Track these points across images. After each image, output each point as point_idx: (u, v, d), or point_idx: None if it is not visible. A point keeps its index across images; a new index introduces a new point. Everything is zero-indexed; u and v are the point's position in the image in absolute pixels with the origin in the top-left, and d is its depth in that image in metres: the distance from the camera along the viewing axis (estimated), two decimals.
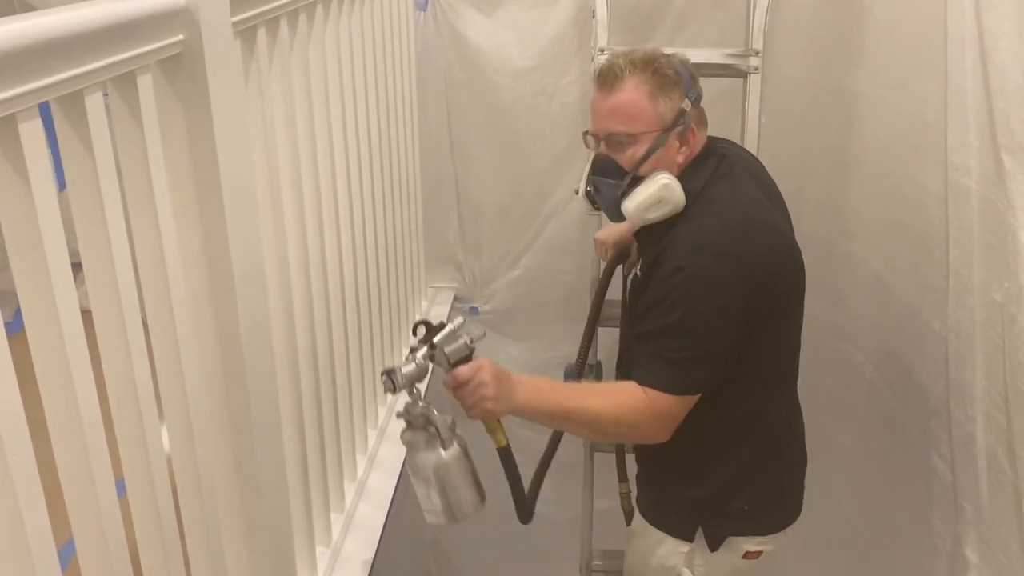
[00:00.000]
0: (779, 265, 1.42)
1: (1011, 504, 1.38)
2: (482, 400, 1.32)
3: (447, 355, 1.32)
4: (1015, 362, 1.36)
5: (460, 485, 1.33)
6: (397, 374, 1.29)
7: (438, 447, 1.32)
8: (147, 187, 0.86)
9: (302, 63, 1.36)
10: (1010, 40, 1.41)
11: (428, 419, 1.32)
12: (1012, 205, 1.39)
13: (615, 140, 1.45)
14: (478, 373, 1.32)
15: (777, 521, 1.59)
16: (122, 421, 0.86)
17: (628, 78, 1.41)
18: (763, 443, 1.55)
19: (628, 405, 1.40)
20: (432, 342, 1.33)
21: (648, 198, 1.41)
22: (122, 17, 0.77)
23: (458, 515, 1.35)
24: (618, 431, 1.47)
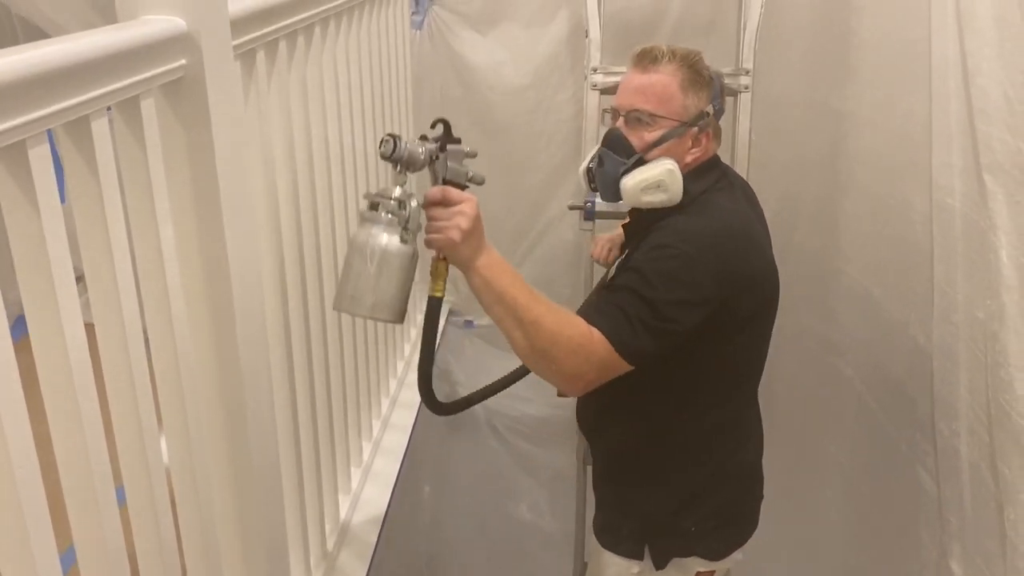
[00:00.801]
0: (757, 282, 1.42)
1: (993, 517, 1.40)
2: (453, 228, 1.25)
3: (448, 168, 1.25)
4: (996, 378, 1.39)
5: (395, 282, 1.22)
6: (401, 143, 1.20)
7: (397, 232, 1.21)
8: (149, 206, 0.89)
9: (300, 83, 1.40)
10: (991, 63, 1.45)
11: (404, 205, 1.21)
12: (994, 225, 1.42)
13: (635, 117, 1.44)
14: (466, 203, 1.26)
15: (727, 543, 1.57)
16: (123, 431, 0.88)
17: (667, 63, 1.43)
18: (716, 464, 1.53)
19: (571, 332, 1.32)
20: (444, 144, 1.25)
21: (649, 179, 1.40)
22: (126, 44, 0.80)
23: (373, 309, 1.22)
24: (547, 351, 1.33)
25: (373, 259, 1.20)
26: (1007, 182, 1.38)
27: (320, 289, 1.52)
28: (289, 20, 1.27)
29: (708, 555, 1.54)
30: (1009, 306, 1.36)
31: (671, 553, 1.54)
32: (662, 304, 1.32)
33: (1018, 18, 1.35)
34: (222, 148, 0.95)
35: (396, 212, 1.21)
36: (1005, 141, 1.39)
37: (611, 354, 1.32)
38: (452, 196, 1.26)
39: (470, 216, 1.25)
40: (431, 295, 1.36)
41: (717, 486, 1.54)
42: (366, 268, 1.20)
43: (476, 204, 1.27)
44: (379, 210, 1.22)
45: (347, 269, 1.23)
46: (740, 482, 1.58)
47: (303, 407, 1.46)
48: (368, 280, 1.20)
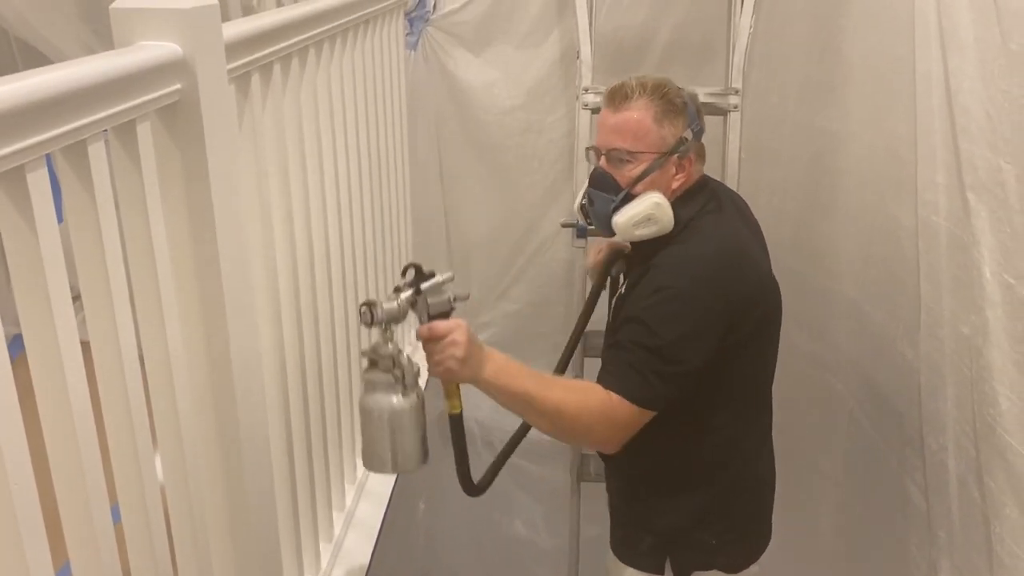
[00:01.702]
0: (756, 299, 1.46)
1: (980, 531, 1.42)
2: (450, 359, 1.31)
3: (429, 305, 1.30)
4: (981, 393, 1.40)
5: (410, 436, 1.29)
6: (377, 307, 1.26)
7: (398, 392, 1.27)
8: (145, 227, 0.90)
9: (295, 105, 1.42)
10: (973, 82, 1.48)
11: (395, 362, 1.27)
12: (977, 241, 1.44)
13: (616, 156, 1.49)
14: (454, 331, 1.30)
15: (745, 556, 1.60)
16: (118, 448, 0.89)
17: (637, 99, 1.47)
18: (731, 479, 1.56)
19: (590, 405, 1.40)
20: (419, 287, 1.30)
21: (638, 214, 1.45)
22: (123, 70, 0.82)
23: (399, 465, 1.30)
24: (574, 429, 1.44)
25: (384, 424, 1.28)
26: (989, 199, 1.41)
27: (314, 302, 1.53)
28: (283, 43, 1.30)
29: (728, 567, 1.58)
30: (992, 322, 1.38)
31: (692, 566, 1.57)
32: (669, 349, 1.39)
33: (997, 38, 1.38)
34: (216, 170, 0.97)
35: (391, 371, 1.27)
36: (987, 159, 1.41)
37: (633, 411, 1.40)
38: (439, 331, 1.31)
39: (462, 343, 1.30)
40: (450, 413, 1.44)
41: (735, 499, 1.57)
42: (382, 434, 1.28)
43: (465, 328, 1.32)
44: (376, 369, 1.29)
45: (364, 433, 1.32)
46: (757, 494, 1.62)
47: (297, 424, 1.47)
48: (386, 442, 1.29)
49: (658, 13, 2.44)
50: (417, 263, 1.34)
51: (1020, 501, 1.29)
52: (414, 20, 2.49)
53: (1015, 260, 1.32)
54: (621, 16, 2.45)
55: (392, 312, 1.27)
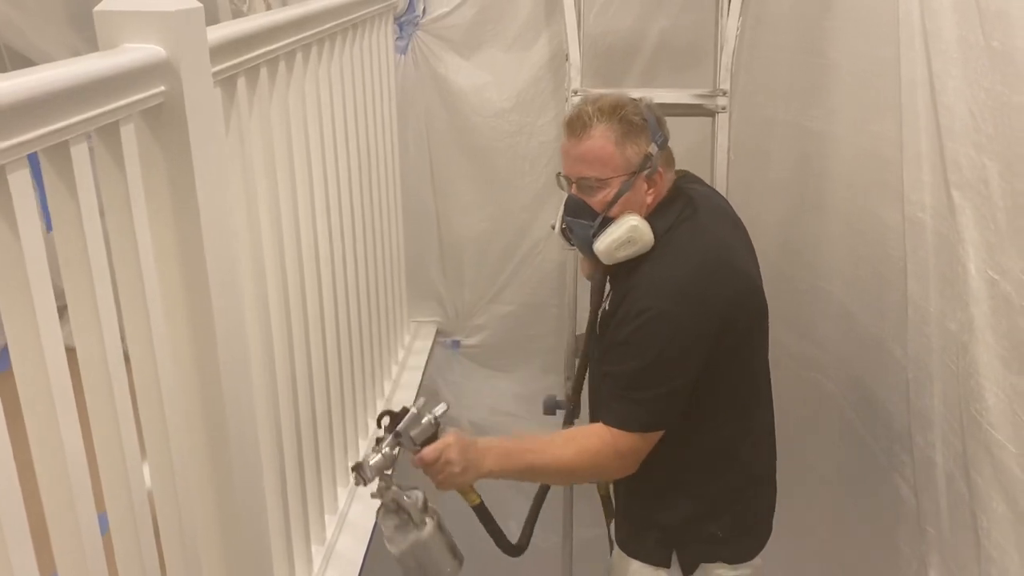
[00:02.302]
0: (740, 304, 1.48)
1: (968, 526, 1.42)
2: (450, 476, 1.41)
3: (412, 439, 1.40)
4: (967, 388, 1.41)
5: (438, 559, 1.41)
6: (365, 468, 1.37)
7: (412, 529, 1.39)
8: (130, 230, 0.91)
9: (282, 108, 1.42)
10: (956, 82, 1.49)
11: (399, 505, 1.38)
12: (962, 239, 1.45)
13: (585, 184, 1.51)
14: (444, 453, 1.39)
15: (750, 548, 1.63)
16: (105, 457, 0.89)
17: (596, 126, 1.48)
18: (735, 473, 1.59)
19: (592, 449, 1.48)
20: (396, 431, 1.40)
21: (618, 239, 1.48)
22: (106, 71, 0.82)
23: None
24: (587, 474, 1.58)
25: (412, 560, 1.40)
26: (973, 197, 1.42)
27: (303, 307, 1.54)
28: (270, 47, 1.31)
29: (732, 559, 1.61)
30: (978, 318, 1.39)
31: (699, 559, 1.60)
32: (660, 369, 1.44)
33: (980, 38, 1.39)
34: (201, 171, 0.98)
35: (399, 513, 1.40)
36: (970, 157, 1.42)
37: (638, 439, 1.47)
38: (429, 458, 1.40)
39: (455, 459, 1.40)
40: (472, 506, 1.55)
41: (740, 492, 1.61)
42: (413, 567, 1.41)
43: (454, 443, 1.40)
44: (388, 514, 1.41)
45: (402, 569, 1.44)
46: (761, 486, 1.66)
47: (287, 428, 1.48)
48: (421, 572, 1.41)
49: (646, 16, 2.45)
50: (388, 409, 1.44)
51: (1006, 495, 1.30)
52: (404, 24, 2.50)
53: (999, 256, 1.33)
54: (610, 19, 2.46)
55: (380, 465, 1.38)
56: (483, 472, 1.44)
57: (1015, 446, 1.28)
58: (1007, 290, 1.30)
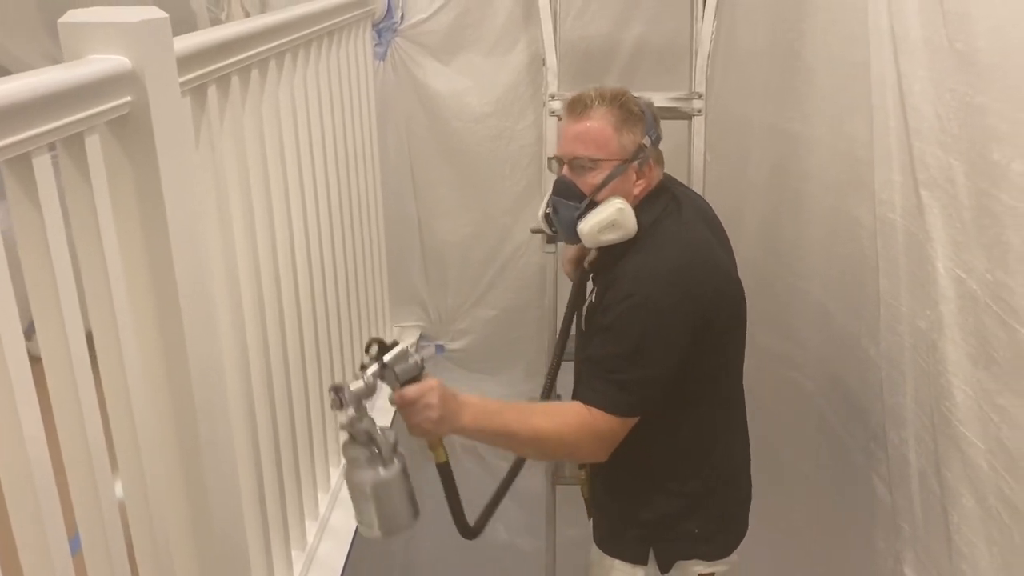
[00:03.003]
0: (721, 301, 1.51)
1: (941, 522, 1.44)
2: (426, 421, 1.36)
3: (396, 374, 1.35)
4: (938, 386, 1.43)
5: (396, 502, 1.34)
6: (344, 391, 1.30)
7: (378, 465, 1.32)
8: (96, 240, 0.91)
9: (255, 117, 1.43)
10: (923, 84, 1.51)
11: (371, 437, 1.32)
12: (931, 238, 1.47)
13: (578, 164, 1.54)
14: (425, 395, 1.35)
15: (726, 545, 1.65)
16: (75, 475, 0.89)
17: (597, 108, 1.52)
18: (710, 470, 1.61)
19: (571, 425, 1.45)
20: (383, 361, 1.35)
21: (603, 220, 1.50)
22: (70, 82, 0.83)
23: (392, 530, 1.35)
24: (560, 450, 1.50)
25: (370, 497, 1.33)
26: (941, 196, 1.44)
27: (280, 314, 1.54)
28: (241, 55, 1.31)
29: (709, 556, 1.62)
30: (946, 316, 1.40)
31: (676, 556, 1.61)
32: (640, 355, 1.44)
33: (944, 39, 1.41)
34: (169, 181, 0.98)
35: (369, 446, 1.32)
36: (937, 157, 1.44)
37: (613, 421, 1.45)
38: (410, 397, 1.35)
39: (435, 404, 1.35)
40: (436, 463, 1.48)
41: (715, 489, 1.62)
42: (369, 505, 1.33)
43: (437, 389, 1.36)
44: (355, 443, 1.33)
45: (355, 504, 1.36)
46: (736, 483, 1.68)
47: (264, 433, 1.48)
48: (375, 513, 1.34)
49: (622, 21, 2.47)
50: (379, 338, 1.39)
51: (976, 491, 1.32)
52: (382, 31, 2.51)
53: (965, 254, 1.35)
54: (586, 24, 2.48)
55: (360, 391, 1.32)
56: (459, 425, 1.39)
57: (983, 442, 1.29)
58: (973, 288, 1.32)
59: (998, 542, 1.25)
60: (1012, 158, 1.19)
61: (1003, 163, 1.21)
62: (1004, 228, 1.22)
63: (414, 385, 1.36)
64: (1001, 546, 1.25)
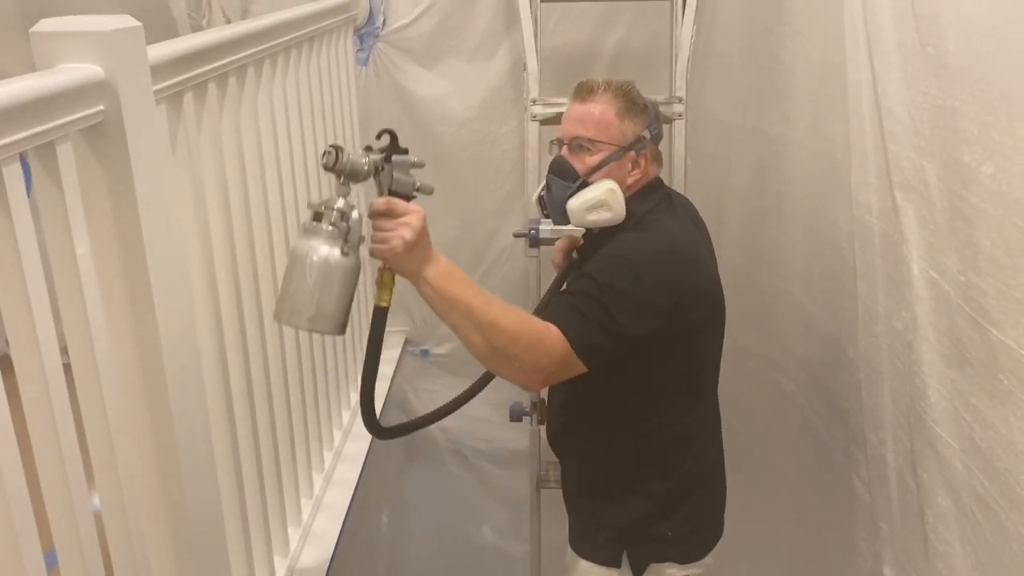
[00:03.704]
0: (701, 294, 1.52)
1: (917, 522, 1.45)
2: (396, 239, 1.25)
3: (393, 179, 1.25)
4: (913, 386, 1.44)
5: (336, 296, 1.21)
6: (344, 156, 1.20)
7: (337, 245, 1.20)
8: (69, 248, 0.91)
9: (234, 124, 1.43)
10: (897, 86, 1.52)
11: (344, 215, 1.20)
12: (906, 239, 1.48)
13: (577, 144, 1.57)
14: (410, 214, 1.26)
15: (700, 548, 1.65)
16: (50, 487, 0.89)
17: (603, 93, 1.56)
18: (684, 472, 1.61)
19: (528, 330, 1.36)
20: (390, 156, 1.26)
21: (592, 199, 1.52)
22: (42, 91, 0.83)
23: (313, 322, 1.21)
24: (506, 350, 1.34)
25: (312, 272, 1.19)
26: (915, 198, 1.45)
27: (260, 323, 1.54)
28: (217, 63, 1.31)
29: (682, 559, 1.62)
30: (920, 316, 1.42)
31: (648, 558, 1.61)
32: (614, 307, 1.41)
33: (916, 42, 1.42)
34: (143, 188, 0.98)
35: (337, 224, 1.20)
36: (911, 159, 1.46)
37: (567, 349, 1.37)
38: (397, 207, 1.26)
39: (415, 228, 1.25)
40: (377, 304, 1.34)
41: (688, 491, 1.62)
42: (305, 281, 1.19)
43: (422, 216, 1.28)
44: (321, 221, 1.21)
45: (287, 280, 1.22)
46: (708, 486, 1.67)
47: (244, 440, 1.48)
48: (307, 293, 1.19)
49: (603, 26, 2.49)
50: (393, 130, 1.27)
51: (950, 490, 1.33)
52: (364, 36, 2.51)
53: (938, 256, 1.36)
54: (567, 29, 2.49)
55: (356, 165, 1.21)
56: (423, 273, 1.28)
57: (957, 442, 1.31)
58: (946, 289, 1.33)
59: (972, 541, 1.27)
60: (981, 160, 1.21)
61: (973, 165, 1.23)
62: (974, 230, 1.23)
63: (402, 201, 1.27)
64: (975, 545, 1.26)
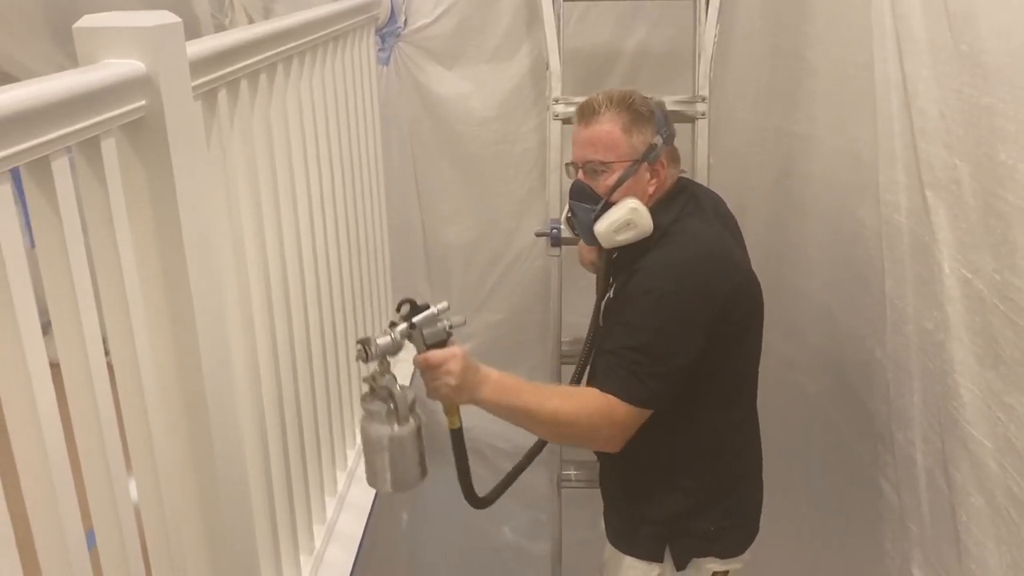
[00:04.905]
0: (738, 296, 1.52)
1: (949, 522, 1.44)
2: (444, 387, 1.38)
3: (424, 336, 1.37)
4: (944, 386, 1.43)
5: (408, 459, 1.38)
6: (372, 344, 1.33)
7: (394, 421, 1.35)
8: (112, 244, 0.92)
9: (264, 121, 1.43)
10: (928, 84, 1.52)
11: (391, 393, 1.35)
12: (936, 239, 1.47)
13: (591, 168, 1.58)
14: (447, 362, 1.37)
15: (740, 542, 1.65)
16: (91, 472, 0.89)
17: (605, 112, 1.55)
18: (724, 467, 1.62)
19: (588, 409, 1.46)
20: (412, 321, 1.37)
21: (617, 220, 1.53)
22: (87, 87, 0.84)
23: (401, 485, 1.40)
24: (574, 434, 1.52)
25: (384, 450, 1.38)
26: (946, 197, 1.44)
27: (288, 318, 1.54)
28: (250, 60, 1.31)
29: (724, 554, 1.63)
30: (952, 316, 1.41)
31: (691, 553, 1.62)
32: (658, 347, 1.46)
33: (948, 40, 1.42)
34: (183, 184, 0.99)
35: (388, 401, 1.36)
36: (942, 158, 1.45)
37: (631, 411, 1.46)
38: (433, 360, 1.38)
39: (456, 372, 1.37)
40: (450, 428, 1.52)
41: (729, 487, 1.63)
42: (382, 458, 1.38)
43: (460, 357, 1.38)
44: (375, 396, 1.38)
45: (367, 457, 1.41)
46: (750, 480, 1.68)
47: (273, 437, 1.48)
48: (387, 466, 1.39)
49: (625, 25, 2.48)
50: (411, 298, 1.42)
51: (984, 490, 1.32)
52: (386, 35, 2.51)
53: (971, 255, 1.35)
54: (589, 28, 2.48)
55: (386, 347, 1.34)
56: (478, 397, 1.42)
57: (991, 442, 1.30)
58: (980, 288, 1.32)
59: (1007, 540, 1.26)
60: (1019, 159, 1.20)
61: (1009, 163, 1.22)
62: (1011, 228, 1.22)
63: (438, 350, 1.38)
64: (1010, 544, 1.25)
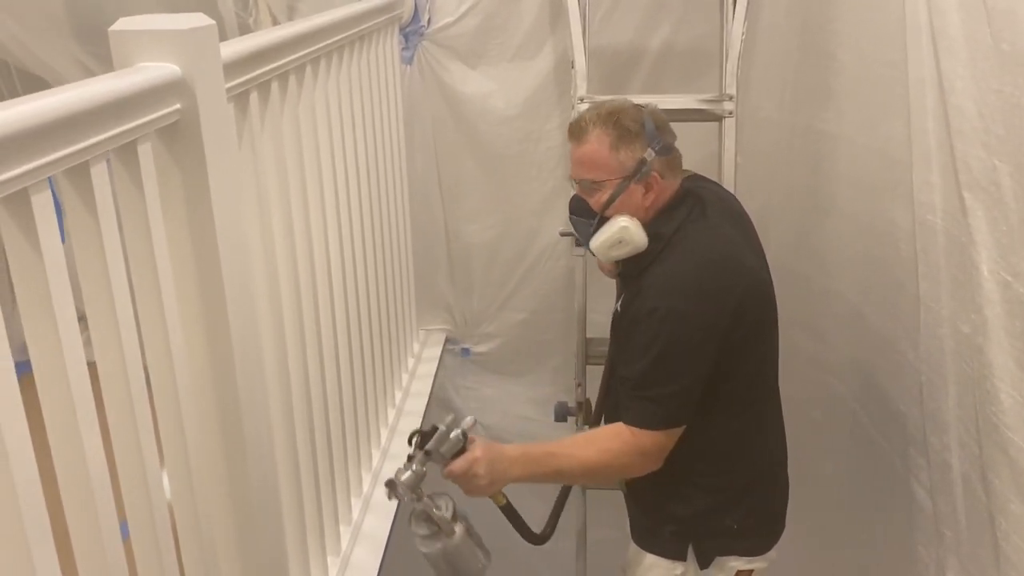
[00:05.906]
0: (746, 300, 1.51)
1: (986, 529, 1.42)
2: (477, 488, 1.48)
3: (442, 454, 1.47)
4: (983, 391, 1.41)
5: (468, 559, 1.50)
6: (397, 486, 1.44)
7: (443, 536, 1.46)
8: (147, 247, 0.91)
9: (293, 122, 1.43)
10: (965, 83, 1.49)
11: (429, 516, 1.45)
12: (974, 241, 1.45)
13: (585, 186, 1.60)
14: (472, 467, 1.45)
15: (764, 542, 1.65)
16: (125, 466, 0.90)
17: (591, 131, 1.56)
18: (747, 466, 1.61)
19: (615, 449, 1.51)
20: (426, 449, 1.46)
21: (608, 239, 1.55)
22: (124, 92, 0.83)
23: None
24: (612, 475, 1.62)
25: (445, 563, 1.49)
26: (985, 198, 1.42)
27: (316, 317, 1.54)
28: (280, 62, 1.31)
29: (747, 552, 1.63)
30: (992, 319, 1.38)
31: (714, 551, 1.63)
32: (673, 366, 1.48)
33: (988, 37, 1.39)
34: (217, 187, 0.98)
35: (431, 522, 1.47)
36: (981, 158, 1.42)
37: (660, 436, 1.51)
38: (459, 471, 1.46)
39: (482, 473, 1.46)
40: (498, 506, 1.62)
41: (752, 486, 1.63)
42: (447, 570, 1.50)
43: (482, 457, 1.46)
44: (419, 521, 1.49)
45: (435, 570, 1.52)
46: (772, 480, 1.68)
47: (302, 439, 1.48)
48: (455, 573, 1.50)
49: (650, 23, 2.45)
50: (419, 429, 1.51)
51: None
52: (409, 35, 2.50)
53: (1011, 257, 1.32)
54: (614, 26, 2.46)
55: (410, 482, 1.44)
56: (510, 480, 1.50)
57: None
58: (1020, 291, 1.30)
59: None
60: None
61: None
62: None
63: (460, 460, 1.46)
64: None
